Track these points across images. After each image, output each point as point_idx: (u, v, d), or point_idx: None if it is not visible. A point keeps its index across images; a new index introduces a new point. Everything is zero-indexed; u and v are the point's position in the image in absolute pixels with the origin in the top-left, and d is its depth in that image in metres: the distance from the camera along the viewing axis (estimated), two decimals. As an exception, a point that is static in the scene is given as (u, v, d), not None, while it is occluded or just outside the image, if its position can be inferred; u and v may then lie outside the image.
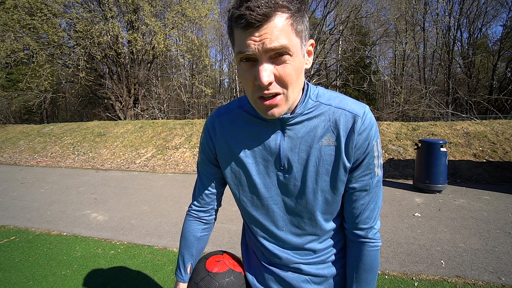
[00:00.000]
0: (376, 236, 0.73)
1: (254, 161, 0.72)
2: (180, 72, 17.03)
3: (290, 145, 0.67)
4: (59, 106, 22.68)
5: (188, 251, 0.86)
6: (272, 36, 0.51)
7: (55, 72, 12.33)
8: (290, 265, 0.77)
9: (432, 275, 2.27)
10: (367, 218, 0.71)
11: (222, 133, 0.75)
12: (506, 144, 5.53)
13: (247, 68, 0.56)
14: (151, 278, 2.36)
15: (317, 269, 0.78)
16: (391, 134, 6.46)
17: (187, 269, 0.85)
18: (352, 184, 0.70)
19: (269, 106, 0.58)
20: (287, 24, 0.52)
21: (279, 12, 0.51)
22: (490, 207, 3.64)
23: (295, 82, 0.58)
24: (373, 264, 0.74)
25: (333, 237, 0.78)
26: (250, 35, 0.52)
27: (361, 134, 0.65)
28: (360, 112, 0.65)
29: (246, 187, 0.75)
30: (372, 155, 0.67)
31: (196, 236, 0.87)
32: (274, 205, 0.74)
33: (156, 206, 4.10)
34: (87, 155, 7.90)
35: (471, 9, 16.51)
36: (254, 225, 0.79)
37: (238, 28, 0.53)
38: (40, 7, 10.02)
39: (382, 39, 16.13)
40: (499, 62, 16.20)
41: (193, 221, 0.87)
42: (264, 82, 0.53)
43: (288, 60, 0.54)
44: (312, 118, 0.66)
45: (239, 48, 0.55)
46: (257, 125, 0.70)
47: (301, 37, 0.56)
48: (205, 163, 0.81)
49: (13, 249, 2.93)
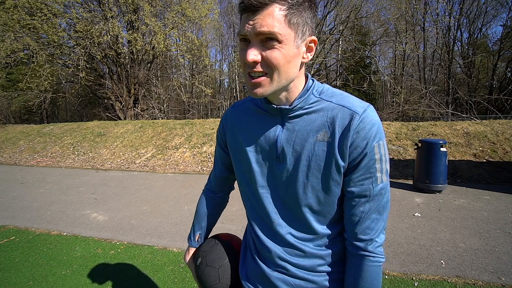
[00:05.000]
0: (378, 251, 0.68)
1: (254, 150, 0.76)
2: (180, 72, 17.04)
3: (286, 137, 0.70)
4: (59, 106, 22.69)
5: (198, 223, 0.99)
6: (263, 22, 0.57)
7: (55, 72, 12.34)
8: (278, 263, 0.76)
9: (432, 275, 2.27)
10: (367, 228, 0.67)
11: (232, 123, 0.82)
12: (506, 144, 5.53)
13: (243, 47, 0.62)
14: (151, 278, 2.36)
15: (307, 274, 0.75)
16: (391, 134, 6.46)
17: (195, 237, 0.98)
18: (350, 187, 0.67)
19: (254, 84, 0.63)
20: (281, 14, 0.57)
21: (277, 3, 0.57)
22: (490, 207, 3.64)
23: (282, 67, 0.61)
24: (373, 282, 0.68)
25: (329, 245, 0.74)
26: (247, 18, 0.59)
27: (359, 133, 0.63)
28: (360, 109, 0.64)
29: (247, 174, 0.79)
30: (372, 157, 0.64)
31: (206, 212, 0.98)
32: (267, 194, 0.76)
33: (156, 206, 4.10)
34: (87, 155, 7.90)
35: (471, 9, 16.53)
36: (251, 212, 0.82)
37: (240, 11, 0.61)
38: (40, 7, 10.03)
39: (382, 39, 16.15)
40: (499, 62, 16.20)
41: (205, 198, 0.99)
42: (249, 59, 0.59)
43: (276, 46, 0.59)
44: (311, 113, 0.68)
45: (239, 28, 0.62)
46: (262, 116, 0.75)
47: (296, 30, 0.60)
48: (218, 148, 0.91)
49: (13, 249, 2.93)
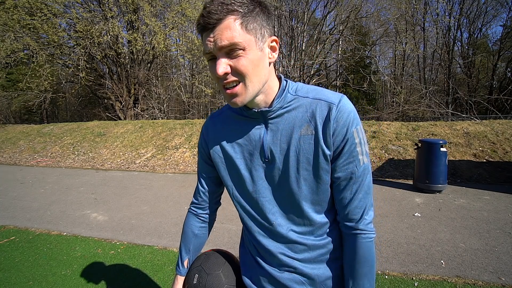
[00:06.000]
0: (368, 227, 0.73)
1: (242, 156, 0.77)
2: (180, 72, 17.02)
3: (272, 137, 0.72)
4: (59, 106, 22.68)
5: (185, 247, 0.93)
6: (222, 36, 0.60)
7: (55, 72, 12.33)
8: (284, 261, 0.77)
9: (432, 275, 2.27)
10: (356, 207, 0.72)
11: (214, 133, 0.82)
12: (506, 144, 5.53)
13: (212, 65, 0.65)
14: (151, 278, 2.37)
15: (313, 268, 0.77)
16: (391, 134, 6.45)
17: (184, 263, 0.91)
18: (337, 173, 0.71)
19: (231, 95, 0.65)
20: (237, 24, 0.60)
21: (230, 15, 0.60)
22: (490, 207, 3.64)
23: (252, 72, 0.63)
24: (367, 257, 0.73)
25: (328, 233, 0.78)
26: (207, 36, 0.62)
27: (338, 121, 0.67)
28: (335, 100, 0.69)
29: (237, 183, 0.80)
30: (352, 141, 0.68)
31: (194, 232, 0.94)
32: (262, 198, 0.77)
33: (156, 206, 4.10)
34: (87, 155, 7.90)
35: (471, 9, 16.53)
36: (248, 220, 0.82)
37: (199, 31, 0.64)
38: (40, 7, 10.03)
39: (382, 39, 16.13)
40: (499, 62, 16.21)
41: (192, 217, 0.95)
42: (220, 73, 0.61)
43: (241, 54, 0.61)
44: (291, 111, 0.71)
45: (203, 48, 0.64)
46: (243, 122, 0.76)
47: (254, 34, 0.63)
48: (201, 163, 0.89)
49: (13, 249, 2.93)
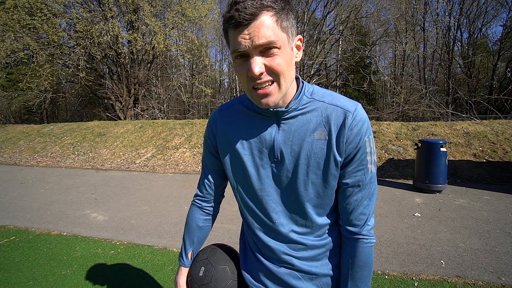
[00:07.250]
0: (370, 233, 0.75)
1: (250, 153, 0.76)
2: (180, 72, 17.02)
3: (283, 138, 0.71)
4: (59, 106, 22.69)
5: (189, 238, 0.93)
6: (259, 33, 0.57)
7: (55, 72, 12.34)
8: (282, 258, 0.78)
9: (432, 275, 2.27)
10: (360, 214, 0.73)
11: (222, 126, 0.80)
12: (506, 144, 5.53)
13: (241, 63, 0.62)
14: (151, 278, 2.36)
15: (310, 266, 0.78)
16: (391, 134, 6.45)
17: (188, 255, 0.91)
18: (345, 179, 0.72)
19: (262, 95, 0.63)
20: (273, 21, 0.58)
21: (265, 11, 0.57)
22: (490, 207, 3.64)
23: (286, 71, 0.62)
24: (367, 261, 0.75)
25: (327, 233, 0.79)
26: (240, 33, 0.58)
27: (352, 129, 0.68)
28: (351, 108, 0.69)
29: (242, 178, 0.79)
30: (364, 150, 0.69)
31: (198, 225, 0.93)
32: (267, 196, 0.76)
33: (156, 206, 4.10)
34: (87, 155, 7.90)
35: (471, 9, 16.51)
36: (249, 216, 0.82)
37: (230, 28, 0.60)
38: (40, 7, 10.02)
39: (382, 39, 16.13)
40: (499, 62, 16.19)
41: (196, 210, 0.93)
42: (256, 73, 0.59)
43: (276, 52, 0.60)
44: (305, 113, 0.71)
45: (233, 46, 0.61)
46: (255, 119, 0.75)
47: (287, 33, 0.61)
48: (207, 155, 0.87)
49: (13, 249, 2.93)
